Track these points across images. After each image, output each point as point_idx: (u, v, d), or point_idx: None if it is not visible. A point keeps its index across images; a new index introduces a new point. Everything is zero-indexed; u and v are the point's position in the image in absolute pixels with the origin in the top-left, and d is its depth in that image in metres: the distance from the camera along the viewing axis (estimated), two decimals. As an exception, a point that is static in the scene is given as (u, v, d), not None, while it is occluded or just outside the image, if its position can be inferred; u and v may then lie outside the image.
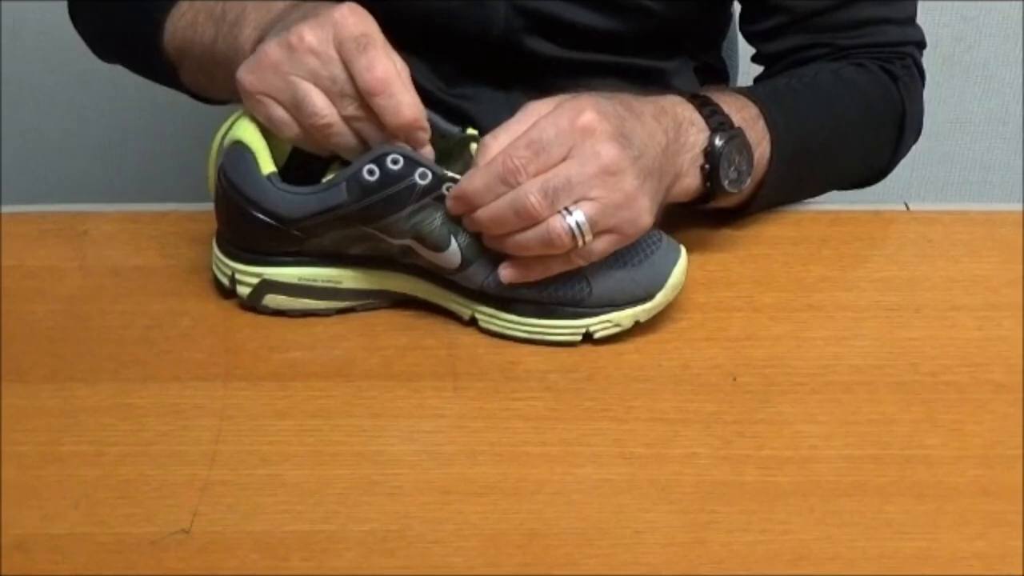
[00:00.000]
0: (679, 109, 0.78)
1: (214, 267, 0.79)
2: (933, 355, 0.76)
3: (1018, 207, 0.90)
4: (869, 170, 0.94)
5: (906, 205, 0.90)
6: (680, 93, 0.81)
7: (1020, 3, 1.62)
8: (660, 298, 0.76)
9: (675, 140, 0.77)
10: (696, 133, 0.78)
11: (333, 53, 0.70)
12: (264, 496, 0.65)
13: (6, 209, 0.87)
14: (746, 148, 0.80)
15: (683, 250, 0.77)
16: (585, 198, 0.70)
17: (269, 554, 0.62)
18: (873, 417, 0.71)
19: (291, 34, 0.71)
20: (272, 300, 0.77)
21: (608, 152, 0.70)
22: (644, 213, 0.72)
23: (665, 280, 0.75)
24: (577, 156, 0.70)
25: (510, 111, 0.94)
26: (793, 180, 0.86)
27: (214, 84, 0.84)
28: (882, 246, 0.87)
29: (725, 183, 0.79)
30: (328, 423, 0.70)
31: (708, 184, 0.79)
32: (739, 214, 0.86)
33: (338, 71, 0.71)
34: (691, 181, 0.78)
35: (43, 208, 0.88)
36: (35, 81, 1.62)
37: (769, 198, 0.86)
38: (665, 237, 0.77)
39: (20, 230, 0.86)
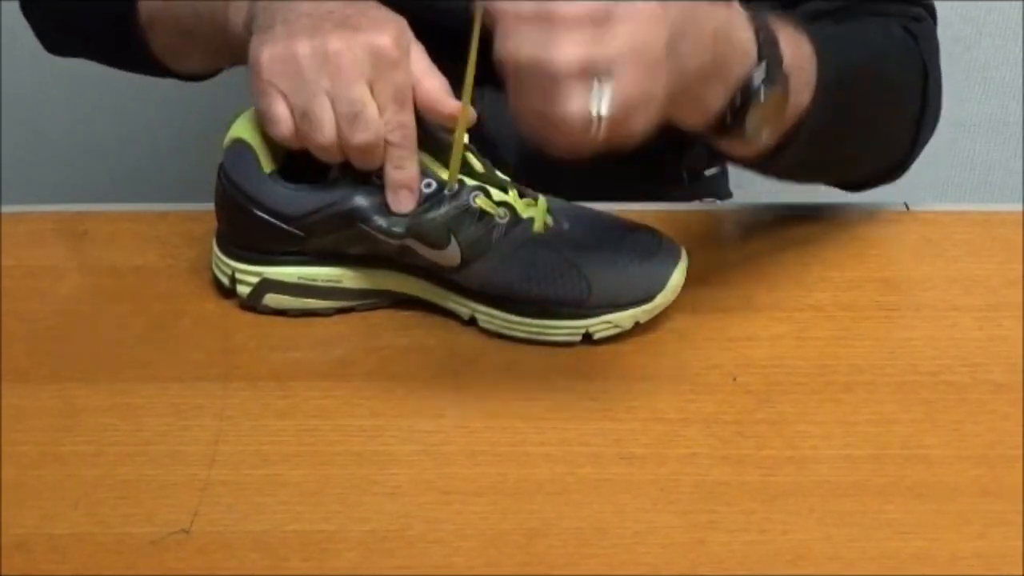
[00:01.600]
0: (740, 34, 0.69)
1: (214, 267, 0.79)
2: (933, 355, 0.76)
3: (1018, 207, 0.90)
4: (894, 142, 0.87)
5: (906, 205, 0.90)
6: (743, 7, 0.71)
7: (1020, 3, 1.61)
8: (660, 299, 0.76)
9: (719, 61, 0.68)
10: (740, 65, 0.69)
11: (362, 82, 0.69)
12: (264, 496, 0.65)
13: (6, 209, 0.87)
14: (782, 112, 0.72)
15: (683, 251, 0.77)
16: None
17: (269, 554, 0.62)
18: (873, 417, 0.71)
19: (328, 43, 0.69)
20: (272, 299, 0.77)
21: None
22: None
23: (665, 282, 0.75)
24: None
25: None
26: (815, 142, 0.77)
27: (193, 45, 0.81)
28: (882, 246, 0.87)
29: (745, 127, 0.70)
30: (328, 423, 0.70)
31: (727, 117, 0.70)
32: (754, 169, 0.79)
33: (357, 96, 0.69)
34: (715, 102, 0.69)
35: (43, 208, 0.88)
36: (35, 81, 1.62)
37: (794, 157, 0.77)
38: (665, 238, 0.77)
39: (20, 230, 0.86)
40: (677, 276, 0.76)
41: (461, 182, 0.73)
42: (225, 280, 0.78)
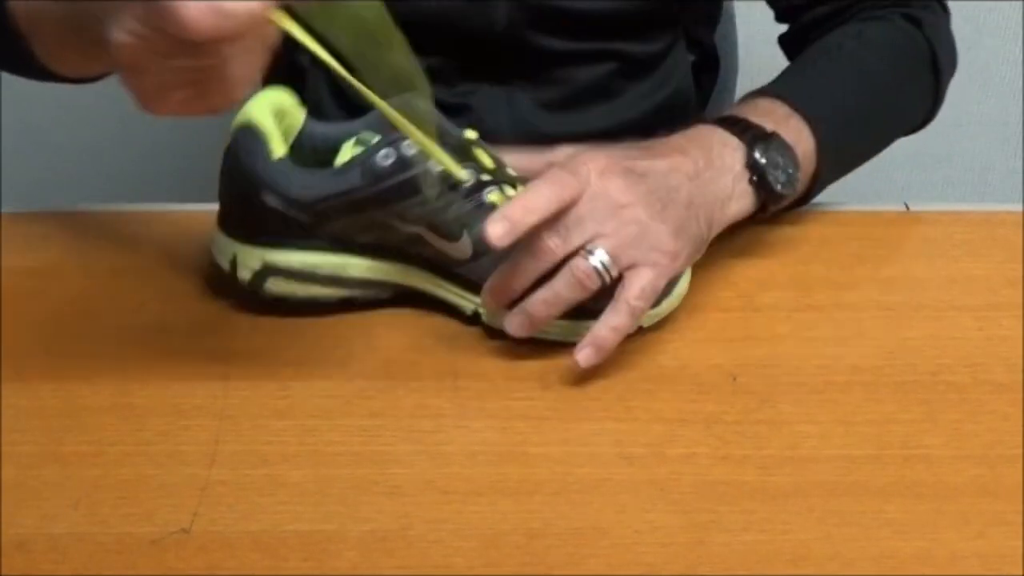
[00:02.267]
0: (706, 135, 0.78)
1: (214, 249, 0.78)
2: (933, 355, 0.76)
3: (1018, 207, 0.90)
4: (916, 116, 0.94)
5: (906, 205, 0.90)
6: (705, 121, 0.81)
7: (1020, 3, 1.62)
8: (664, 306, 0.76)
9: (708, 166, 0.76)
10: (731, 153, 0.78)
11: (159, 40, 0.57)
12: (264, 496, 0.65)
13: (6, 209, 0.87)
14: (786, 149, 0.79)
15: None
16: (600, 235, 0.71)
17: (269, 554, 0.62)
18: (873, 417, 0.71)
19: (110, 39, 0.59)
20: (275, 284, 0.76)
21: (615, 187, 0.71)
22: (664, 237, 0.72)
23: (671, 290, 0.75)
24: (587, 196, 0.71)
25: (510, 107, 0.94)
26: (844, 161, 0.87)
27: (86, 56, 0.73)
28: (882, 246, 0.87)
29: (778, 188, 0.78)
30: (328, 423, 0.70)
31: (761, 194, 0.79)
32: (800, 204, 0.86)
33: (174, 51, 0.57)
34: (744, 200, 0.78)
35: (43, 208, 0.88)
36: (35, 81, 1.62)
37: (825, 184, 0.86)
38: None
39: (20, 230, 0.86)
40: (682, 285, 0.76)
41: (476, 177, 0.73)
42: (225, 264, 0.77)
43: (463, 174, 0.73)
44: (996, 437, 0.70)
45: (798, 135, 0.81)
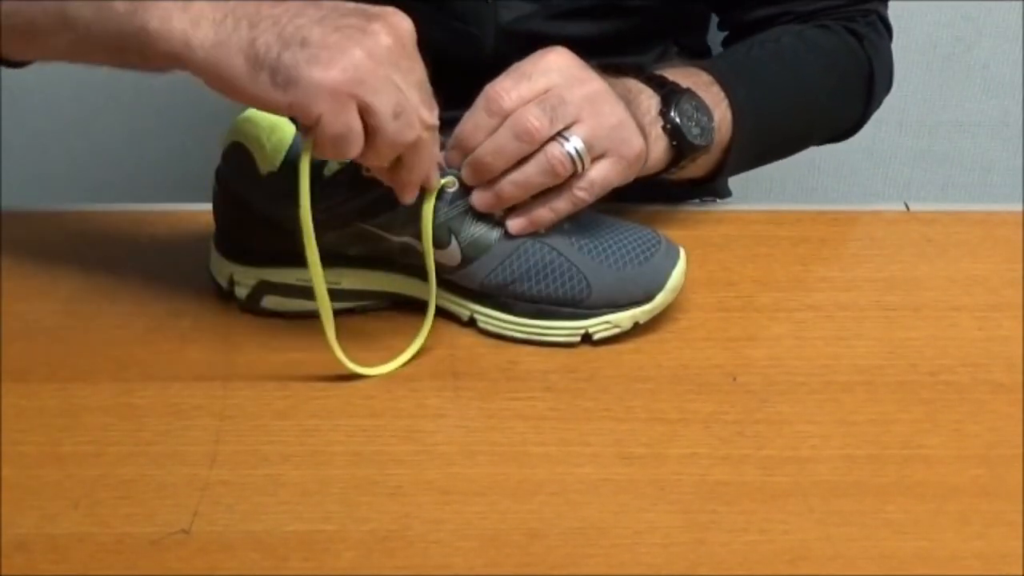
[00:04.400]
0: (628, 81, 0.80)
1: (212, 270, 0.79)
2: (933, 355, 0.76)
3: (1018, 207, 0.90)
4: (843, 123, 0.95)
5: (906, 205, 0.90)
6: (625, 72, 0.82)
7: (1020, 3, 1.62)
8: (659, 300, 0.76)
9: (631, 103, 0.77)
10: (647, 99, 0.79)
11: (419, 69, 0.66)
12: (264, 496, 0.65)
13: (6, 209, 0.87)
14: (701, 104, 0.80)
15: (682, 252, 0.77)
16: (577, 121, 0.71)
17: (269, 554, 0.62)
18: (873, 417, 0.71)
19: (379, 39, 0.64)
20: (271, 302, 0.77)
21: (590, 79, 0.72)
22: (635, 135, 0.73)
23: (664, 282, 0.76)
24: (562, 82, 0.72)
25: None
26: (761, 142, 0.87)
27: (48, 46, 0.74)
28: (882, 246, 0.87)
29: (690, 137, 0.79)
30: (328, 423, 0.70)
31: (675, 144, 0.79)
32: (711, 182, 0.87)
33: (418, 79, 0.67)
34: (658, 145, 0.79)
35: (43, 208, 0.88)
36: (35, 81, 1.62)
37: (739, 160, 0.86)
38: (664, 239, 0.77)
39: (20, 230, 0.86)
40: (676, 276, 0.76)
41: (462, 182, 0.74)
42: (223, 283, 0.78)
43: (446, 181, 0.73)
44: (996, 437, 0.70)
45: (716, 101, 0.82)
